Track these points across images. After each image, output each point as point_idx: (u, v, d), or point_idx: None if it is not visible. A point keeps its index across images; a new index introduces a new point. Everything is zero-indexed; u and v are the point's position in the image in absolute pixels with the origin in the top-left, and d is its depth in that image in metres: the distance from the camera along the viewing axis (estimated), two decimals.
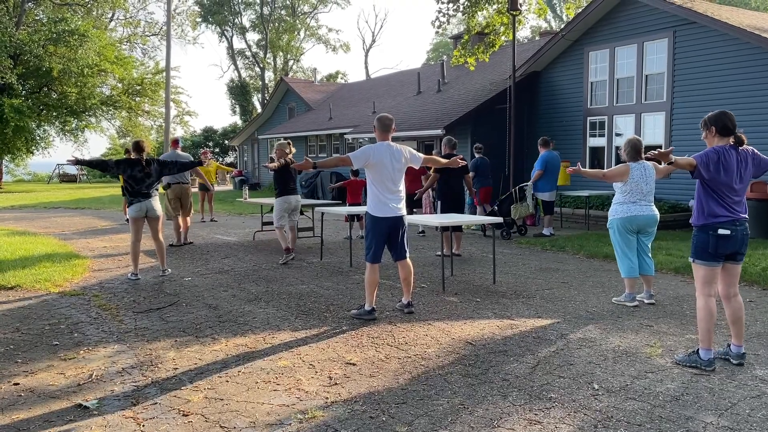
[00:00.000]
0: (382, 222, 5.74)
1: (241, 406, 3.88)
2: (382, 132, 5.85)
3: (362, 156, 5.72)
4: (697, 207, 4.42)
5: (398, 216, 5.78)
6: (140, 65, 39.07)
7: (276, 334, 5.38)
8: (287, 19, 54.48)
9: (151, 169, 7.76)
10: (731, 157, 4.29)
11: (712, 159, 4.27)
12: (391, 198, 5.71)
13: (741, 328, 4.46)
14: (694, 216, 4.45)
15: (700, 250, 4.38)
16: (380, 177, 5.69)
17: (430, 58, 63.89)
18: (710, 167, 4.26)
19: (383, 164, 5.68)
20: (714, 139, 4.40)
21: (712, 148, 4.36)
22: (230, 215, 17.23)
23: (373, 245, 5.78)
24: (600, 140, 14.99)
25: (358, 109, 23.23)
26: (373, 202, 5.76)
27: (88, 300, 6.78)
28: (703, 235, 4.34)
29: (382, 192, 5.70)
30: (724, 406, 3.72)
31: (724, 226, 4.27)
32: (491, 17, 16.53)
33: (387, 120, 5.88)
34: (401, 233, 5.87)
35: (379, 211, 5.73)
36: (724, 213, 4.29)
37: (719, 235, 4.28)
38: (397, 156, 5.76)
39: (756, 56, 11.73)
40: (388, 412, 3.73)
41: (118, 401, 4.00)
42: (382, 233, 5.76)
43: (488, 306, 6.30)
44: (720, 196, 4.30)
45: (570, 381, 4.18)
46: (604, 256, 9.28)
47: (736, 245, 4.32)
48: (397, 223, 5.79)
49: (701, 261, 4.38)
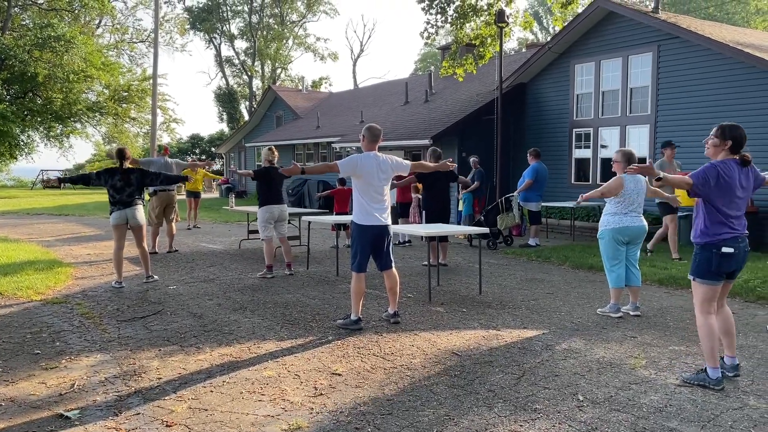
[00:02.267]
0: (367, 231, 5.76)
1: (225, 416, 3.85)
2: (370, 142, 5.87)
3: (349, 164, 5.74)
4: (699, 224, 4.28)
5: (383, 225, 5.80)
6: (127, 72, 38.94)
7: (261, 344, 5.35)
8: (276, 27, 54.53)
9: (132, 177, 7.70)
10: (733, 172, 4.15)
11: (711, 175, 4.13)
12: (376, 207, 5.73)
13: (733, 339, 4.40)
14: (696, 234, 4.30)
15: (702, 270, 4.24)
16: (366, 187, 5.72)
17: (419, 68, 64.15)
18: (710, 183, 4.11)
19: (370, 174, 5.70)
20: (723, 152, 4.21)
21: (712, 163, 4.19)
22: (216, 223, 17.13)
23: (359, 254, 5.79)
24: (585, 152, 15.12)
25: (345, 118, 23.26)
26: (359, 212, 5.78)
27: (71, 308, 6.71)
28: (706, 253, 4.21)
29: (368, 201, 5.73)
30: (707, 418, 3.75)
31: (728, 243, 4.15)
32: (479, 29, 16.65)
33: (375, 130, 5.90)
34: (386, 243, 5.88)
35: (364, 220, 5.75)
36: (727, 230, 4.18)
37: (723, 254, 4.16)
38: (384, 166, 5.79)
39: (738, 71, 11.91)
40: (373, 423, 3.72)
41: (101, 411, 3.95)
42: (367, 242, 5.78)
43: (474, 316, 6.31)
44: (722, 212, 4.18)
45: (555, 392, 4.19)
46: (590, 267, 9.34)
47: (738, 263, 4.23)
48: (382, 233, 5.81)
49: (702, 280, 4.25)
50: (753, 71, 11.67)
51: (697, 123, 12.57)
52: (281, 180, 8.61)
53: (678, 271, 8.64)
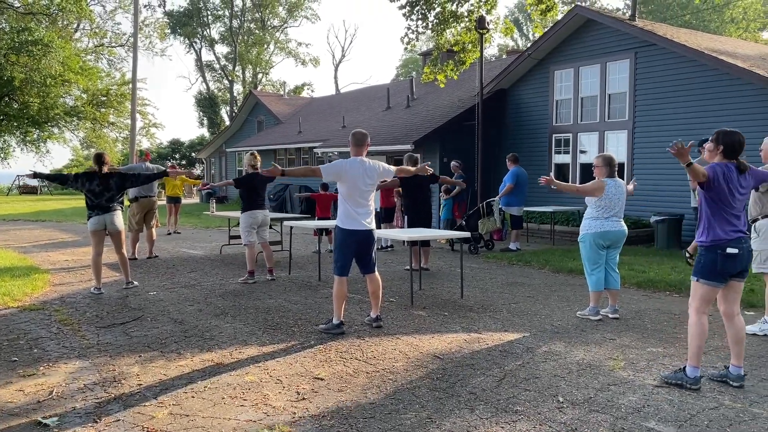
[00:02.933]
0: (351, 235, 5.76)
1: (207, 422, 3.83)
2: (355, 147, 5.89)
3: (333, 169, 5.76)
4: (704, 225, 4.30)
5: (367, 230, 5.80)
6: (106, 76, 38.55)
7: (243, 349, 5.33)
8: (257, 32, 54.39)
9: (111, 182, 7.62)
10: (732, 174, 4.20)
11: (718, 173, 4.17)
12: (360, 212, 5.74)
13: (742, 348, 4.36)
14: (701, 235, 4.31)
15: (707, 270, 4.25)
16: (351, 191, 5.72)
17: (400, 73, 64.36)
18: (719, 180, 4.15)
19: (355, 179, 5.70)
20: (717, 156, 4.28)
21: (716, 163, 4.24)
22: (196, 229, 17.02)
23: (341, 258, 5.80)
24: (565, 157, 15.29)
25: (327, 124, 23.26)
26: (343, 216, 5.78)
27: (49, 315, 6.63)
28: (711, 254, 4.23)
29: (352, 206, 5.73)
30: (683, 418, 3.82)
31: (732, 244, 4.19)
32: (460, 35, 16.77)
33: (360, 135, 5.93)
34: (370, 247, 5.89)
35: (348, 224, 5.75)
36: (732, 230, 4.22)
37: (728, 255, 4.18)
38: (370, 171, 5.79)
39: (713, 77, 12.13)
40: (356, 427, 3.73)
41: (80, 418, 3.91)
42: (350, 247, 5.79)
43: (456, 320, 6.35)
44: (726, 212, 4.22)
45: (536, 394, 4.24)
46: (569, 270, 9.43)
47: (743, 263, 4.26)
48: (366, 238, 5.82)
49: (705, 281, 4.26)
50: (727, 78, 11.90)
51: (674, 128, 12.78)
52: (264, 185, 8.59)
53: (655, 274, 8.76)
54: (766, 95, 11.28)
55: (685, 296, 7.65)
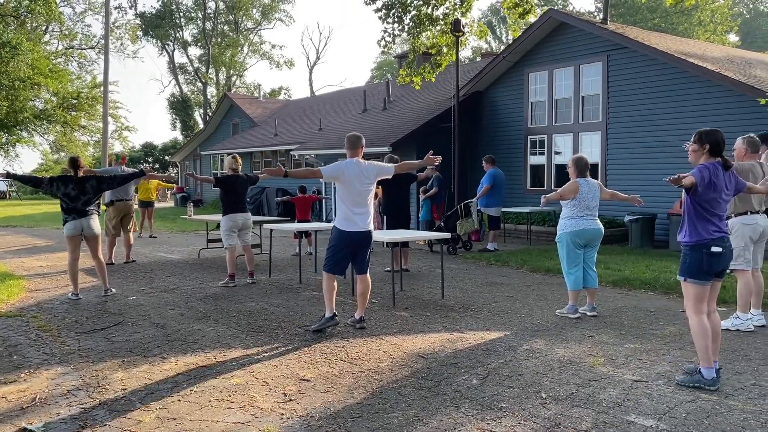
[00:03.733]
0: (348, 236, 5.86)
1: (195, 425, 3.84)
2: (350, 149, 6.00)
3: (332, 171, 5.91)
4: (687, 225, 4.39)
5: (365, 231, 5.91)
6: (76, 79, 37.92)
7: (227, 352, 5.33)
8: (230, 34, 54.03)
9: (87, 186, 7.53)
10: (719, 173, 4.31)
11: (705, 175, 4.25)
12: (358, 213, 5.84)
13: (718, 344, 4.44)
14: (685, 235, 4.40)
15: (694, 269, 4.32)
16: (348, 193, 5.83)
17: (375, 76, 64.49)
18: (705, 183, 4.25)
19: (351, 180, 5.82)
20: (703, 156, 4.38)
21: (703, 164, 4.34)
22: (173, 233, 16.87)
23: (335, 257, 5.91)
24: (540, 158, 15.49)
25: (303, 126, 23.23)
26: (341, 217, 5.90)
27: (27, 321, 6.53)
28: (696, 253, 4.30)
29: (350, 207, 5.83)
30: (662, 411, 3.93)
31: (716, 243, 4.28)
32: (435, 38, 16.91)
33: (354, 138, 6.04)
34: (366, 249, 6.00)
35: (345, 225, 5.85)
36: (715, 230, 4.31)
37: (713, 253, 4.27)
38: (366, 172, 5.91)
39: (683, 79, 12.42)
40: (344, 427, 3.77)
41: (65, 424, 3.89)
42: (346, 247, 5.89)
43: (438, 320, 6.42)
44: (710, 213, 4.31)
45: (519, 391, 4.32)
46: (547, 270, 9.58)
47: (725, 262, 4.37)
48: (362, 239, 5.92)
49: (694, 280, 4.33)
50: (697, 80, 12.19)
51: (645, 129, 13.05)
52: (245, 188, 8.56)
53: (631, 272, 8.94)
54: (734, 97, 11.58)
55: (660, 293, 7.86)
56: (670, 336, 5.77)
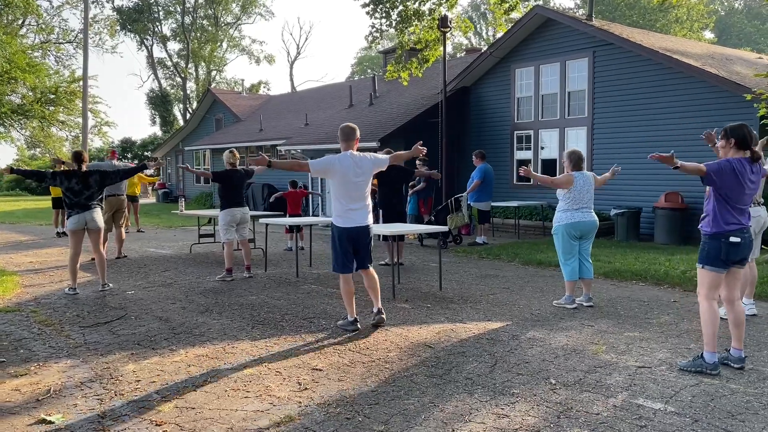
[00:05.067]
0: (346, 233, 5.65)
1: (214, 413, 3.90)
2: (343, 141, 5.76)
3: (321, 165, 5.65)
4: (709, 215, 4.52)
5: (363, 226, 5.69)
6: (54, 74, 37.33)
7: (235, 344, 5.38)
8: (209, 29, 53.56)
9: (91, 180, 7.53)
10: (745, 168, 4.40)
11: (725, 169, 4.38)
12: (355, 208, 5.62)
13: (742, 332, 4.56)
14: (706, 224, 4.54)
15: (712, 257, 4.47)
16: (343, 187, 5.60)
17: (355, 71, 64.42)
18: (723, 176, 4.36)
19: (345, 174, 5.57)
20: (731, 150, 4.50)
21: (726, 159, 4.47)
22: (159, 228, 16.78)
23: (340, 256, 5.71)
24: (527, 153, 15.68)
25: (288, 121, 23.18)
26: (337, 213, 5.68)
27: (27, 316, 6.51)
28: (715, 242, 4.44)
29: (346, 202, 5.61)
30: (668, 395, 4.08)
31: (735, 234, 4.41)
32: (422, 33, 16.99)
33: (348, 129, 5.79)
34: (366, 243, 5.78)
35: (342, 222, 5.64)
36: (735, 221, 4.43)
37: (731, 243, 4.40)
38: (361, 165, 5.66)
39: (667, 75, 12.66)
40: (362, 413, 3.85)
41: (84, 415, 3.92)
42: (346, 244, 5.68)
43: (439, 311, 6.53)
44: (732, 205, 4.42)
45: (528, 377, 4.44)
46: (538, 262, 9.74)
47: (744, 251, 4.50)
48: (361, 234, 5.70)
49: (711, 267, 4.47)
50: (681, 76, 12.43)
51: (631, 124, 13.29)
52: (243, 182, 8.57)
53: (621, 264, 9.14)
54: (717, 93, 11.84)
55: (651, 284, 8.05)
56: (665, 324, 5.94)
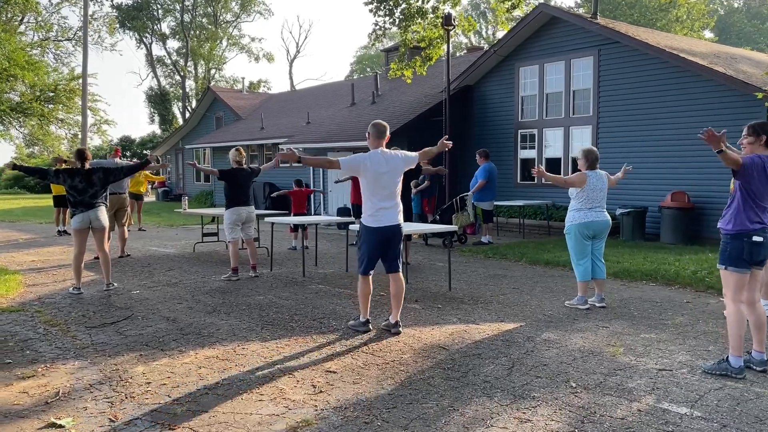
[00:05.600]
0: (377, 233, 5.44)
1: (228, 417, 3.80)
2: (375, 138, 5.52)
3: (353, 163, 5.40)
4: (731, 214, 4.42)
5: (394, 225, 5.47)
6: (53, 71, 37.18)
7: (246, 345, 5.28)
8: (209, 27, 53.40)
9: (94, 178, 7.43)
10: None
11: (757, 164, 4.29)
12: (387, 206, 5.41)
13: (764, 334, 4.46)
14: (727, 223, 4.44)
15: (734, 258, 4.36)
16: (375, 185, 5.38)
17: (354, 70, 64.28)
18: (755, 172, 4.28)
19: (376, 172, 5.35)
20: (760, 147, 4.40)
21: (756, 154, 4.36)
22: (161, 227, 16.66)
23: (366, 257, 5.50)
24: (530, 152, 15.59)
25: (290, 120, 23.06)
26: (369, 213, 5.44)
27: (32, 316, 6.41)
28: (737, 242, 4.35)
29: (378, 201, 5.39)
30: (693, 399, 3.99)
31: (758, 233, 4.33)
32: (425, 31, 16.89)
33: (381, 126, 5.54)
34: (397, 245, 5.59)
35: (374, 221, 5.42)
36: (758, 220, 4.34)
37: (753, 242, 4.32)
38: (393, 162, 5.45)
39: (673, 74, 12.57)
40: (380, 417, 3.76)
41: (94, 418, 3.82)
42: (377, 245, 5.47)
43: (450, 312, 6.44)
44: (756, 203, 4.34)
45: (548, 380, 4.35)
46: (546, 262, 9.66)
47: (766, 251, 4.40)
48: (393, 234, 5.50)
49: (735, 268, 4.37)
50: (688, 75, 12.34)
51: (636, 123, 13.20)
52: (249, 181, 8.46)
53: (630, 264, 9.05)
54: (724, 91, 11.76)
55: (662, 285, 7.97)
56: (681, 326, 5.85)
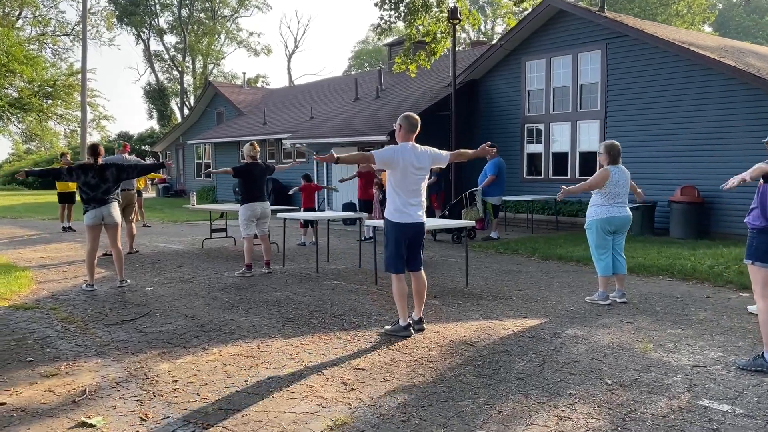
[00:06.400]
0: (404, 229, 5.32)
1: (262, 416, 3.73)
2: (407, 132, 5.35)
3: (386, 156, 5.25)
4: (757, 208, 4.36)
5: (420, 223, 5.39)
6: (51, 66, 36.96)
7: (269, 342, 5.21)
8: (207, 22, 53.13)
9: (107, 174, 7.35)
10: None
11: None
12: (413, 203, 5.31)
13: None
14: (756, 218, 4.38)
15: (761, 252, 4.30)
16: (403, 180, 5.25)
17: (353, 65, 64.06)
18: None
19: (406, 167, 5.23)
20: None
21: None
22: (164, 223, 16.56)
23: (395, 255, 5.36)
24: (537, 147, 15.52)
25: (293, 115, 22.95)
26: (395, 208, 5.32)
27: (47, 313, 6.33)
28: (764, 236, 4.28)
29: (407, 197, 5.27)
30: (733, 395, 3.93)
31: None
32: (429, 25, 16.80)
33: (414, 120, 5.38)
34: (421, 241, 5.51)
35: (400, 217, 5.30)
36: None
37: None
38: (422, 158, 5.34)
39: (682, 67, 12.50)
40: (417, 416, 3.69)
41: (125, 417, 3.75)
42: (404, 241, 5.34)
43: (471, 308, 6.37)
44: None
45: (582, 377, 4.29)
46: (559, 257, 9.60)
47: None
48: (418, 231, 5.42)
49: (762, 263, 4.31)
50: (698, 68, 12.28)
51: (644, 117, 13.14)
52: (263, 177, 8.36)
53: (644, 259, 8.99)
54: (733, 84, 11.70)
55: (679, 280, 7.92)
56: (706, 321, 5.80)
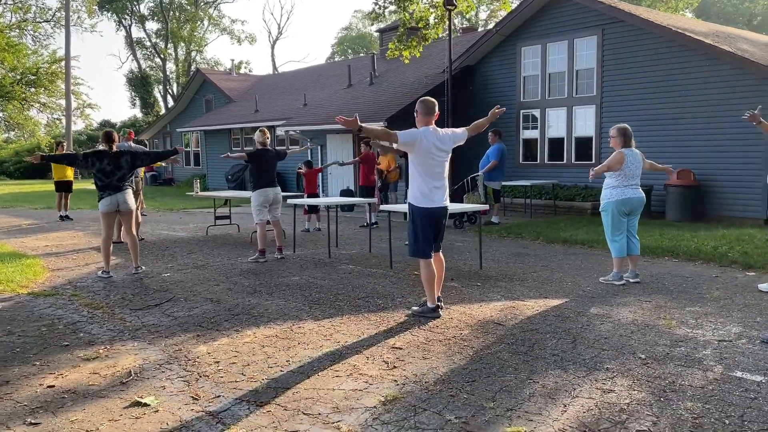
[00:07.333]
0: (429, 213, 5.34)
1: (312, 393, 3.81)
2: (424, 116, 5.36)
3: (409, 137, 5.25)
4: None
5: (443, 207, 5.43)
6: (32, 53, 36.34)
7: (301, 324, 5.29)
8: (188, 8, 52.49)
9: (122, 161, 7.35)
10: None
11: None
12: (437, 186, 5.33)
13: None
14: None
15: None
16: (426, 163, 5.28)
17: (336, 51, 63.71)
18: None
19: (430, 149, 5.25)
20: None
21: None
22: (160, 211, 16.49)
23: (424, 239, 5.36)
24: (533, 132, 15.67)
25: (285, 102, 22.85)
26: (419, 192, 5.33)
27: (69, 300, 6.33)
28: None
29: (429, 179, 5.29)
30: (764, 367, 4.09)
31: None
32: (422, 11, 16.80)
33: (431, 103, 5.38)
34: (443, 226, 5.55)
35: (425, 202, 5.32)
36: None
37: None
38: (444, 140, 5.36)
39: (677, 52, 12.68)
40: (464, 390, 3.80)
41: (176, 396, 3.81)
42: (430, 225, 5.36)
43: (491, 289, 6.49)
44: None
45: (615, 353, 4.42)
46: (564, 240, 9.76)
47: None
48: (443, 214, 5.47)
49: None
50: (693, 53, 12.46)
51: (640, 103, 13.33)
52: (274, 162, 8.40)
53: (648, 241, 9.17)
54: (728, 69, 11.90)
55: (684, 260, 8.12)
56: (721, 299, 5.97)
